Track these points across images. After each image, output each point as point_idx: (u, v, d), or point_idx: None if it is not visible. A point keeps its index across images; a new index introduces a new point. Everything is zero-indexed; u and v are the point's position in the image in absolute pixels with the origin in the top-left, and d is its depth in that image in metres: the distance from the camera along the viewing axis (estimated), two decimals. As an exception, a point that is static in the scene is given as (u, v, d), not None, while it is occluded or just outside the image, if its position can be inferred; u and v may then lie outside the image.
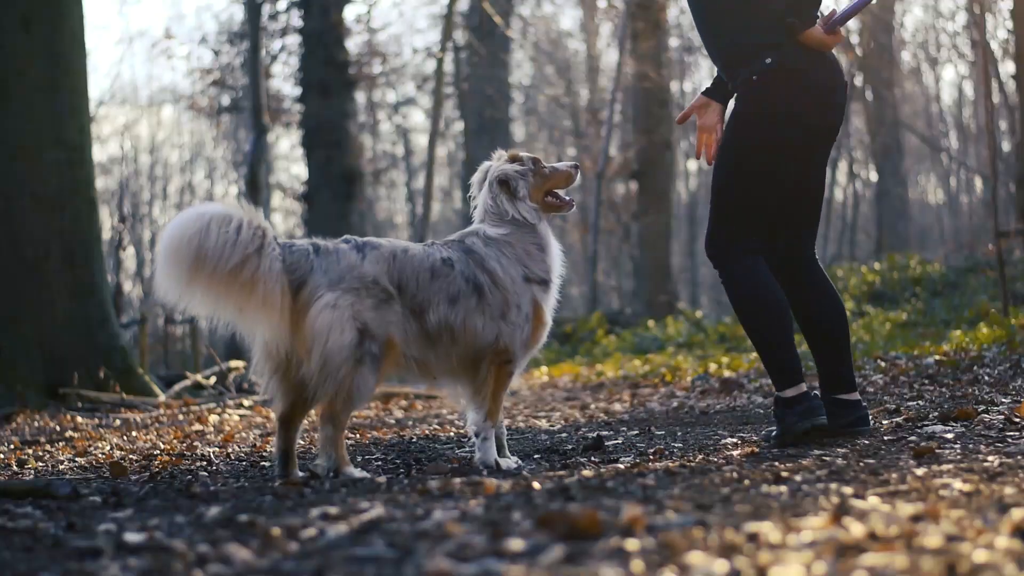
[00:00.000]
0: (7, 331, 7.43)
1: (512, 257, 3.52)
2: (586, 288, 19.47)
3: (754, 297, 3.69)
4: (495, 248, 3.52)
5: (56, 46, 7.70)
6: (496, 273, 3.47)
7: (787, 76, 3.58)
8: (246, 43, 19.55)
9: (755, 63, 3.59)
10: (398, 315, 3.30)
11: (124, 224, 20.85)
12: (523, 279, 3.51)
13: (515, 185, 3.62)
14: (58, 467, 4.33)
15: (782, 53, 3.57)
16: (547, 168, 3.71)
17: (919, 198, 28.29)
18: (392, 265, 3.33)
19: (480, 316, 3.42)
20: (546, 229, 3.66)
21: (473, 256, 3.48)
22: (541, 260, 3.57)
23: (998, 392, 4.87)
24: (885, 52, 19.28)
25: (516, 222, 3.59)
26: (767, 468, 2.94)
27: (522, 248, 3.55)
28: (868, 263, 16.16)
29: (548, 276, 3.59)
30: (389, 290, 3.29)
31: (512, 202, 3.61)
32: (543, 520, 2.06)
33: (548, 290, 3.59)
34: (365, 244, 3.35)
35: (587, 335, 15.47)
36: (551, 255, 3.62)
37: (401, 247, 3.40)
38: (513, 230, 3.58)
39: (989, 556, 1.73)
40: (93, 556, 2.05)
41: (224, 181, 31.71)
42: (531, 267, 3.54)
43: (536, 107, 26.57)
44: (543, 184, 3.68)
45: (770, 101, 3.60)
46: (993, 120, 8.95)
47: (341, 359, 3.16)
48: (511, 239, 3.56)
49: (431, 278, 3.38)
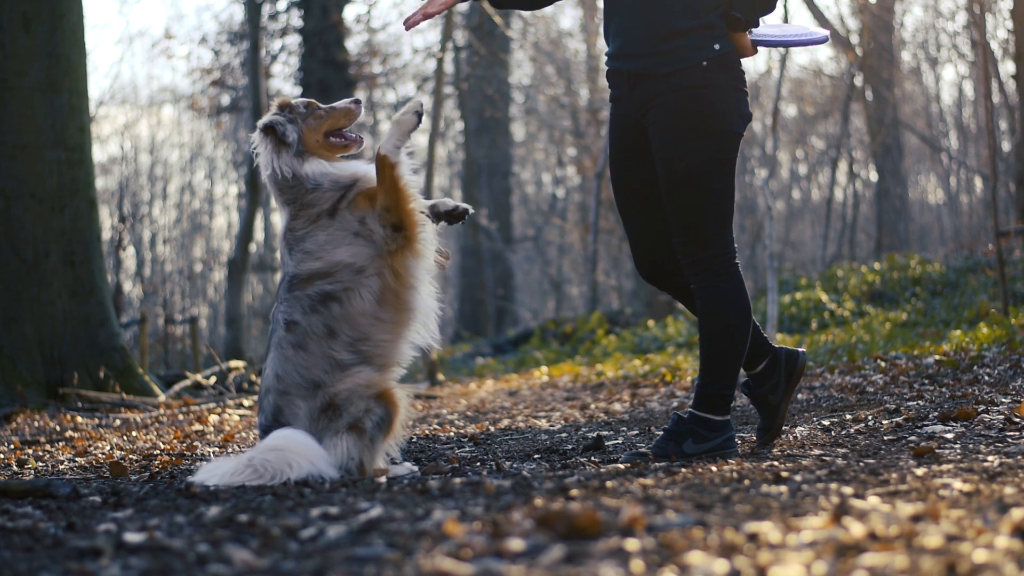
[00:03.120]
0: (7, 331, 7.43)
1: (308, 227, 3.39)
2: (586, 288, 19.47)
3: (744, 317, 3.53)
4: (297, 245, 3.39)
5: (56, 46, 7.70)
6: (316, 268, 3.35)
7: (731, 65, 3.48)
8: (246, 43, 19.54)
9: (702, 48, 3.43)
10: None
11: (124, 224, 20.82)
12: (329, 218, 3.38)
13: (282, 131, 3.45)
14: (58, 467, 4.33)
15: (725, 43, 3.46)
16: (322, 109, 3.54)
17: (919, 198, 28.28)
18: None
19: (351, 302, 3.33)
20: (313, 166, 3.45)
21: (295, 286, 3.37)
22: (322, 192, 3.40)
23: (998, 392, 4.87)
24: (885, 52, 19.26)
25: (288, 185, 3.42)
26: (767, 468, 2.94)
27: (305, 208, 3.40)
28: (868, 263, 16.15)
29: (341, 187, 3.42)
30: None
31: (277, 154, 3.45)
32: (543, 520, 2.06)
33: (358, 179, 3.44)
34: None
35: (587, 335, 15.46)
36: (331, 174, 3.44)
37: (272, 379, 3.35)
38: (293, 199, 3.42)
39: (989, 556, 1.73)
40: (93, 556, 2.05)
41: (224, 181, 31.72)
42: (323, 207, 3.39)
43: (536, 107, 26.56)
44: (319, 126, 3.51)
45: (723, 87, 3.45)
46: (993, 120, 8.95)
47: None
48: (294, 211, 3.41)
49: (305, 353, 3.32)
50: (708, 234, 3.49)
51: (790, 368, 3.74)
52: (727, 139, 3.48)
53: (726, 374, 3.54)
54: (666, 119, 3.47)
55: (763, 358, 3.74)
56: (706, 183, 3.47)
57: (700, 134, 3.45)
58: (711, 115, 3.45)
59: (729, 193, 3.52)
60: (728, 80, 3.47)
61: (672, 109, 3.46)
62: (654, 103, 3.48)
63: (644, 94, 3.51)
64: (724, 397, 3.54)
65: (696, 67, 3.43)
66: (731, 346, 3.53)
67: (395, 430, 3.35)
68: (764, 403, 3.74)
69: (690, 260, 3.51)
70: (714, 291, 3.51)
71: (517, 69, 25.76)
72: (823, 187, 27.94)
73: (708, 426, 3.51)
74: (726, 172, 3.50)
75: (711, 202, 3.48)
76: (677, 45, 3.44)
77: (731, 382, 3.56)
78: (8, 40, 7.59)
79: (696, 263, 3.51)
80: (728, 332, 3.52)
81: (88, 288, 7.74)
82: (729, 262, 3.53)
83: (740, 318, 3.52)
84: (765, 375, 3.74)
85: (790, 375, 3.74)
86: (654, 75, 3.48)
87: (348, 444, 3.26)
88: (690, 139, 3.45)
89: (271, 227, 30.61)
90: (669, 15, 3.45)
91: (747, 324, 3.55)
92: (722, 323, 3.52)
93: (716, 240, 3.50)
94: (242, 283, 17.75)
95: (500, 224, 24.01)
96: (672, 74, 3.45)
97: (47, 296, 7.56)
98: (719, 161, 3.47)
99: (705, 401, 3.53)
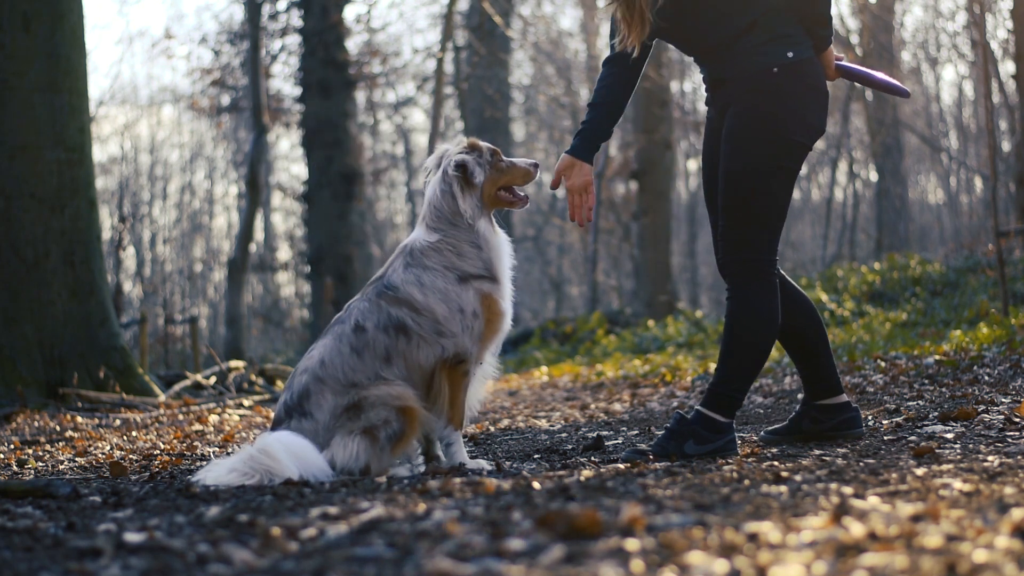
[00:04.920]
0: (7, 331, 7.43)
1: (438, 267, 3.46)
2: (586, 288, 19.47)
3: (771, 327, 3.56)
4: (416, 267, 3.46)
5: (56, 46, 7.70)
6: (414, 299, 3.42)
7: (804, 75, 3.50)
8: (246, 43, 19.54)
9: (773, 54, 3.47)
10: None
11: (124, 224, 20.81)
12: (458, 281, 3.45)
13: (472, 172, 3.52)
14: (58, 467, 4.33)
15: (801, 52, 3.50)
16: (504, 162, 3.61)
17: (919, 198, 28.28)
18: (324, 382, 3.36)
19: (416, 349, 3.40)
20: (486, 225, 3.55)
21: (386, 296, 3.42)
22: (475, 258, 3.49)
23: (998, 392, 4.86)
24: (885, 52, 19.26)
25: (453, 222, 3.51)
26: (767, 468, 2.94)
27: (452, 252, 3.48)
28: (868, 263, 16.15)
29: (487, 272, 3.50)
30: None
31: (462, 192, 3.52)
32: (543, 520, 2.06)
33: (496, 282, 3.51)
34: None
35: (587, 335, 15.47)
36: (492, 250, 3.53)
37: (317, 362, 3.38)
38: (447, 231, 3.51)
39: (989, 556, 1.73)
40: (93, 556, 2.05)
41: (224, 181, 31.72)
42: (464, 267, 3.47)
43: (536, 107, 26.57)
44: (499, 178, 3.59)
45: (791, 95, 3.48)
46: (993, 120, 8.95)
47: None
48: (441, 245, 3.48)
49: (358, 358, 3.37)
50: (750, 237, 3.51)
51: (845, 425, 3.78)
52: (787, 148, 3.49)
53: (741, 378, 3.55)
54: (734, 120, 3.53)
55: (834, 396, 3.78)
56: (758, 186, 3.49)
57: (760, 138, 3.48)
58: (774, 121, 3.47)
59: (780, 202, 3.53)
60: (799, 89, 3.49)
61: (739, 111, 3.51)
62: (730, 107, 3.56)
63: (723, 98, 3.60)
64: (734, 400, 3.55)
65: (767, 72, 3.47)
66: (752, 351, 3.54)
67: (405, 446, 3.39)
68: (800, 424, 3.81)
69: (728, 259, 3.55)
70: (745, 294, 3.53)
71: (517, 69, 25.77)
72: (823, 187, 27.96)
73: (711, 427, 3.51)
74: (781, 180, 3.52)
75: (759, 206, 3.51)
76: (751, 51, 3.49)
77: (744, 386, 3.57)
78: (8, 40, 7.59)
79: (732, 263, 3.54)
80: (752, 337, 3.53)
81: (88, 288, 7.74)
82: (766, 269, 3.54)
83: (766, 325, 3.53)
84: (826, 410, 3.78)
85: (838, 428, 3.78)
86: (730, 79, 3.55)
87: (359, 447, 3.29)
88: (750, 142, 3.49)
89: (271, 227, 30.64)
90: (744, 22, 3.51)
91: (772, 333, 3.55)
92: (748, 327, 3.53)
93: (757, 245, 3.52)
94: (242, 283, 17.75)
95: (500, 224, 23.99)
96: (745, 79, 3.50)
97: (47, 296, 7.56)
98: (776, 168, 3.49)
99: (715, 400, 3.53)
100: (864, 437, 3.78)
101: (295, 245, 26.40)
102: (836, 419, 3.78)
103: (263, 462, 3.19)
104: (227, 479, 3.21)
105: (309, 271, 19.96)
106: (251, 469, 3.20)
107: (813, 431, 3.79)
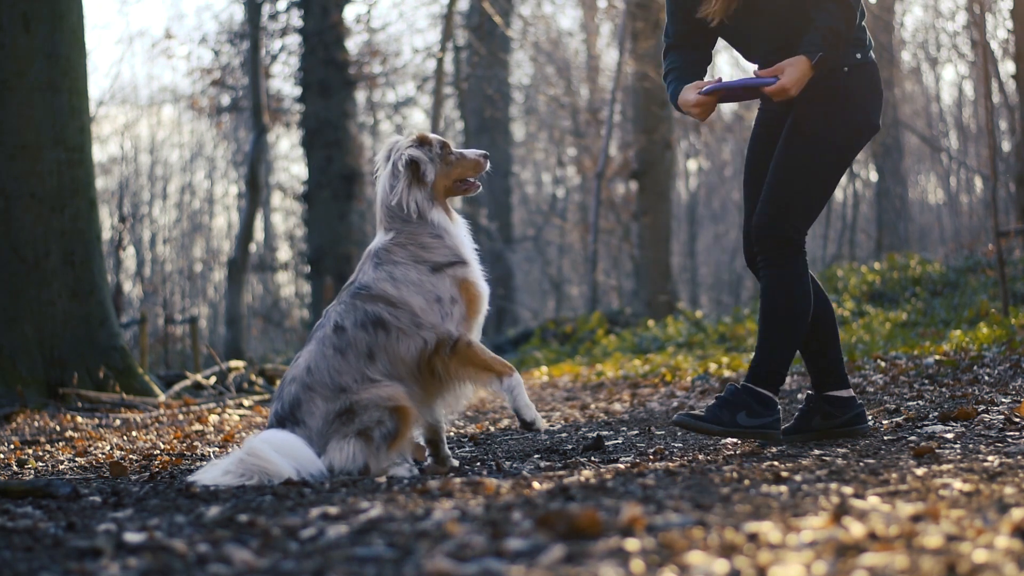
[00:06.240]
0: (7, 331, 7.43)
1: (407, 261, 3.46)
2: (586, 288, 19.47)
3: (806, 300, 3.67)
4: (386, 264, 3.46)
5: (56, 46, 7.70)
6: (388, 294, 3.42)
7: (870, 76, 3.68)
8: (246, 43, 19.55)
9: (845, 55, 3.62)
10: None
11: (124, 224, 20.82)
12: (431, 271, 3.46)
13: (424, 170, 3.53)
14: (58, 467, 4.34)
15: (866, 55, 3.67)
16: (454, 155, 3.61)
17: (919, 198, 28.27)
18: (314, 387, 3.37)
19: (397, 342, 3.40)
20: (441, 215, 3.55)
21: (360, 296, 3.43)
22: (440, 247, 3.50)
23: (998, 392, 4.87)
24: (885, 52, 19.26)
25: (406, 218, 3.51)
26: (767, 468, 2.94)
27: (415, 245, 3.48)
28: (868, 263, 16.15)
29: (455, 257, 3.51)
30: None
31: (411, 188, 3.52)
32: (543, 520, 2.06)
33: (467, 265, 3.52)
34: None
35: (587, 335, 15.46)
36: (453, 236, 3.54)
37: (303, 370, 3.39)
38: (402, 228, 3.51)
39: (989, 556, 1.73)
40: (93, 556, 2.05)
41: (224, 181, 31.71)
42: (433, 258, 3.48)
43: (536, 107, 26.56)
44: (450, 171, 3.59)
45: (858, 92, 3.66)
46: (993, 120, 8.95)
47: None
48: (403, 240, 3.49)
49: (343, 359, 3.36)
50: (790, 213, 3.65)
51: (855, 421, 3.82)
52: (849, 134, 3.67)
53: (783, 352, 3.66)
54: (802, 107, 3.65)
55: (842, 388, 3.82)
56: (813, 164, 3.65)
57: (827, 121, 3.64)
58: (842, 110, 3.64)
59: (826, 187, 3.71)
60: (864, 88, 3.68)
61: (810, 98, 3.62)
62: (799, 103, 3.65)
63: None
64: (779, 375, 3.65)
65: (838, 71, 3.62)
66: (791, 325, 3.64)
67: (401, 445, 3.39)
68: (810, 421, 3.83)
69: (765, 233, 3.65)
70: (780, 269, 3.65)
71: (517, 69, 25.78)
72: (823, 187, 27.86)
73: (762, 401, 3.60)
74: (836, 172, 3.71)
75: (808, 185, 3.66)
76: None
77: (786, 360, 3.67)
78: (8, 40, 7.59)
79: (769, 237, 3.64)
80: (790, 311, 3.63)
81: (88, 288, 7.74)
82: (798, 248, 3.67)
83: (802, 300, 3.66)
84: (835, 402, 3.81)
85: (849, 424, 3.81)
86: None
87: (354, 448, 3.31)
88: (818, 121, 3.64)
89: (271, 227, 30.62)
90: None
91: (808, 307, 3.67)
92: (785, 301, 3.64)
93: (794, 223, 3.65)
94: (242, 283, 17.76)
95: (500, 224, 24.02)
96: (816, 77, 3.60)
97: (47, 296, 7.56)
98: (835, 149, 3.66)
99: (761, 376, 3.63)
100: (864, 437, 3.78)
101: (295, 245, 26.41)
102: (848, 414, 3.80)
103: (254, 463, 3.21)
104: (222, 480, 3.22)
105: (309, 271, 19.97)
106: (245, 470, 3.22)
107: (824, 427, 3.80)
